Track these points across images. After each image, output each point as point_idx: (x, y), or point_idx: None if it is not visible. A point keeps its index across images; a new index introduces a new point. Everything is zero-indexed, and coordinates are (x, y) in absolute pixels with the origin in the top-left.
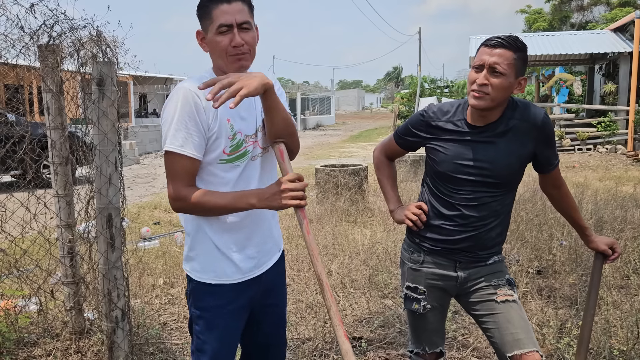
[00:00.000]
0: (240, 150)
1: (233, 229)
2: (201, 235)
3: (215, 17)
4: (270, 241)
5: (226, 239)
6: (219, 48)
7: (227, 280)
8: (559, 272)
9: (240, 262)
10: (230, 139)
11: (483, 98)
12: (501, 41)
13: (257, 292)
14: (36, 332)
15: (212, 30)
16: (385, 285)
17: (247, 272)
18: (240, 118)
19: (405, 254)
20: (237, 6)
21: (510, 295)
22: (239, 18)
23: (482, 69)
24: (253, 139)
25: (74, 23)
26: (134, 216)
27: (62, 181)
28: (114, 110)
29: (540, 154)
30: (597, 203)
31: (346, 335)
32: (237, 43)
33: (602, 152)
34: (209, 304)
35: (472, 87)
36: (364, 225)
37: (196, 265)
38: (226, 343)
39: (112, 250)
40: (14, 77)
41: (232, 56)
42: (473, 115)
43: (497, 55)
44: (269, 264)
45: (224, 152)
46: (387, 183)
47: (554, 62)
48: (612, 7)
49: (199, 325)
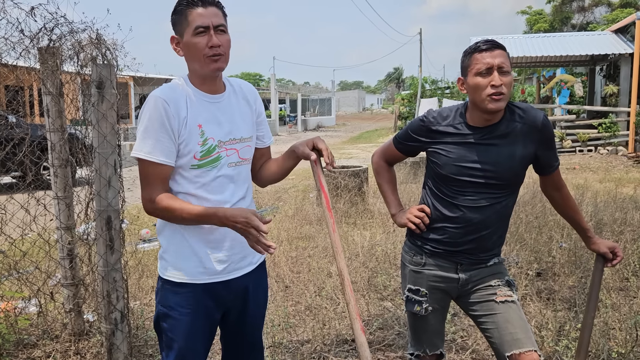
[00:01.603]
0: (212, 155)
1: (207, 231)
2: (176, 235)
3: (192, 20)
4: (244, 249)
5: (199, 240)
6: (196, 49)
7: (192, 279)
8: (558, 275)
9: (209, 263)
10: (201, 144)
11: (502, 99)
12: (494, 43)
13: (227, 296)
14: (36, 334)
15: (189, 32)
16: (384, 288)
17: (214, 275)
18: (215, 123)
19: (407, 257)
20: (213, 10)
21: (510, 296)
22: (215, 21)
23: (490, 72)
24: (228, 146)
25: (74, 26)
26: (133, 218)
27: (61, 183)
28: (113, 112)
29: (541, 156)
30: (597, 205)
31: (363, 329)
32: (214, 43)
33: (603, 153)
34: (175, 302)
35: (487, 92)
36: (364, 227)
37: (165, 264)
38: (192, 342)
39: (111, 253)
40: (15, 79)
41: (209, 57)
42: (475, 118)
43: (500, 56)
44: (241, 271)
45: (194, 157)
46: (387, 187)
47: (554, 64)
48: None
49: (166, 322)
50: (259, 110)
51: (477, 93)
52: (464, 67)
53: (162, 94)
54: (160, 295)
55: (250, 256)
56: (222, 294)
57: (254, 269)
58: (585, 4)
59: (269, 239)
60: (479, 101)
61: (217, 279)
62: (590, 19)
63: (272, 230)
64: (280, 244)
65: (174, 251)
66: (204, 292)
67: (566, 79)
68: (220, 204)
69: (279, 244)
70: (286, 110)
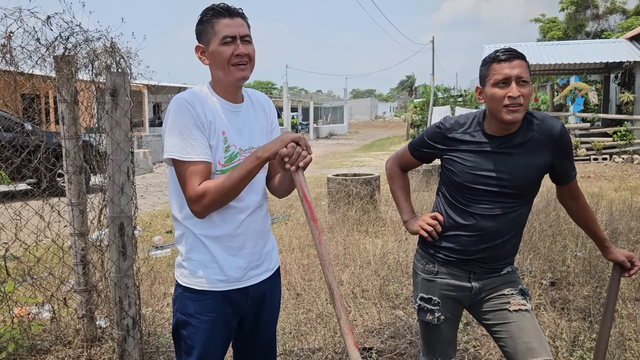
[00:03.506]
0: (234, 162)
1: (228, 238)
2: (196, 243)
3: (218, 30)
4: (262, 255)
5: (220, 248)
6: (222, 58)
7: (212, 287)
8: (573, 284)
9: (229, 270)
10: (224, 150)
11: (519, 110)
12: (514, 53)
13: (244, 303)
14: (49, 340)
15: (216, 42)
16: (396, 296)
17: (233, 282)
18: (236, 131)
19: (419, 265)
20: (239, 21)
21: (524, 305)
22: (241, 31)
23: (508, 82)
24: (247, 154)
25: (89, 35)
26: (146, 225)
27: (75, 190)
28: (127, 120)
29: (558, 166)
30: (612, 214)
31: (356, 344)
32: (241, 52)
33: (618, 162)
34: (194, 309)
35: (504, 103)
36: (376, 235)
37: (184, 271)
38: (210, 349)
39: (123, 259)
40: (31, 87)
41: (235, 66)
42: (492, 127)
43: (518, 67)
44: (258, 278)
45: (219, 162)
46: (400, 194)
47: (568, 71)
48: (628, 16)
49: (185, 330)
50: (273, 120)
51: (494, 104)
52: (482, 77)
53: (187, 96)
54: (178, 302)
55: (267, 262)
56: (240, 301)
57: (270, 275)
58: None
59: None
60: (495, 111)
61: (236, 286)
62: (604, 27)
63: (283, 238)
64: (292, 252)
65: (193, 259)
66: (223, 300)
67: (580, 86)
68: (241, 211)
69: (291, 251)
70: (298, 119)
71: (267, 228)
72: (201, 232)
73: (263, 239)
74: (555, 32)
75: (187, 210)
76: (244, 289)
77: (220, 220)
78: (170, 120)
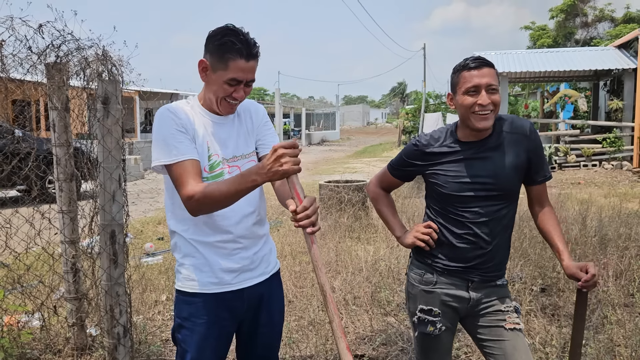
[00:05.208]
0: (216, 170)
1: (221, 242)
2: (190, 248)
3: (230, 68)
4: (256, 259)
5: (212, 252)
6: (221, 92)
7: (203, 289)
8: (563, 290)
9: (220, 273)
10: (208, 158)
11: (489, 117)
12: (483, 61)
13: (241, 306)
14: (38, 348)
15: (223, 77)
16: (387, 303)
17: (225, 285)
18: (220, 142)
19: (416, 277)
20: (252, 65)
21: (518, 324)
22: (249, 77)
23: (478, 90)
24: (231, 163)
25: (81, 43)
26: (137, 232)
27: (66, 197)
28: (118, 128)
29: (533, 163)
30: (601, 220)
31: (348, 347)
32: (239, 97)
33: (608, 168)
34: (189, 312)
35: (473, 110)
36: (367, 242)
37: (180, 276)
38: (203, 352)
39: (114, 267)
40: (22, 94)
41: (227, 102)
42: (466, 134)
43: (488, 75)
44: (253, 280)
45: (204, 170)
46: (387, 211)
47: (558, 79)
48: (617, 24)
49: (180, 333)
50: (262, 118)
51: (465, 110)
52: (453, 84)
53: (170, 106)
54: (176, 307)
55: (263, 266)
56: (236, 304)
57: (267, 278)
58: (589, 20)
59: None
60: (466, 118)
61: (228, 289)
62: (593, 35)
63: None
64: (284, 259)
65: (188, 264)
66: (217, 302)
67: (570, 94)
68: (227, 218)
69: (283, 258)
70: (290, 125)
71: (262, 233)
72: (193, 237)
73: (257, 243)
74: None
75: (179, 217)
76: (237, 292)
77: (212, 226)
78: (155, 130)
